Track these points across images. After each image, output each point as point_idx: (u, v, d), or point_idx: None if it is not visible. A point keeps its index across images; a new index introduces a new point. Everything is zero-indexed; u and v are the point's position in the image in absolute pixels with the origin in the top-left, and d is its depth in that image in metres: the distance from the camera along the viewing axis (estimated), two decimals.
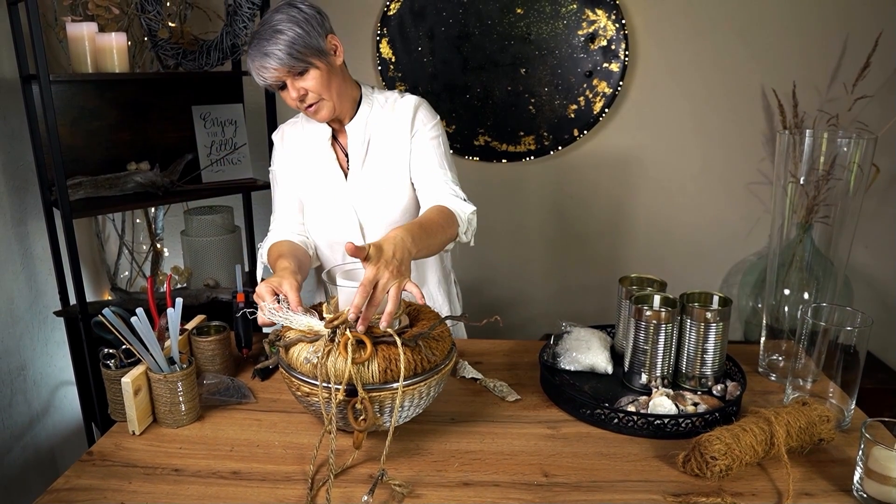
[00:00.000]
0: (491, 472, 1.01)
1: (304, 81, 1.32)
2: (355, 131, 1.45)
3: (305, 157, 1.50)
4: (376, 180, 1.46)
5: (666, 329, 1.19)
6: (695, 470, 0.99)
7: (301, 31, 1.29)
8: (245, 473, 1.01)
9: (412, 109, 1.45)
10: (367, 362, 1.00)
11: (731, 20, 2.27)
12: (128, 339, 1.09)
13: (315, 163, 1.49)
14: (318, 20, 1.34)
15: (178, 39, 2.01)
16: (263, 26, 1.30)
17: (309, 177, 1.50)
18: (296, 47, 1.28)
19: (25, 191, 1.98)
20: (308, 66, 1.30)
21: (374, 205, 1.46)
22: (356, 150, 1.45)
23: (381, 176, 1.45)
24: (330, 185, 1.48)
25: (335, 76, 1.37)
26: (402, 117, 1.45)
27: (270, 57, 1.28)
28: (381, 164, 1.45)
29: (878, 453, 0.91)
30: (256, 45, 1.30)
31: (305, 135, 1.51)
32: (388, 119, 1.46)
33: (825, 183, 1.54)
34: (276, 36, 1.27)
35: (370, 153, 1.46)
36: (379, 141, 1.46)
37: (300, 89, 1.33)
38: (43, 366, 2.07)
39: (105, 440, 1.11)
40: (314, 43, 1.31)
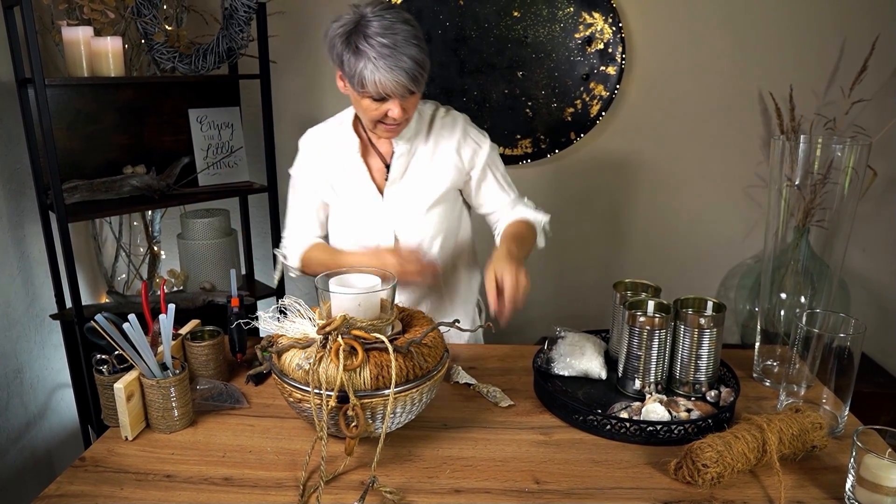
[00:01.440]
0: (482, 478, 1.01)
1: (408, 103, 1.28)
2: (402, 145, 1.40)
3: (335, 166, 1.46)
4: (415, 194, 1.43)
5: (660, 335, 1.19)
6: (686, 477, 0.98)
7: (426, 54, 1.24)
8: (237, 480, 1.01)
9: (461, 132, 1.43)
10: (359, 369, 1.00)
11: (728, 24, 2.27)
12: (120, 345, 1.09)
13: (346, 174, 1.45)
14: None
15: (175, 43, 2.02)
16: (389, 32, 1.19)
17: (340, 188, 1.46)
18: (425, 71, 1.24)
19: (22, 194, 1.98)
20: (417, 91, 1.26)
21: (408, 220, 1.43)
22: (399, 163, 1.41)
23: (420, 190, 1.43)
24: (363, 198, 1.44)
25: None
26: (448, 138, 1.42)
27: (408, 74, 1.20)
28: (420, 178, 1.43)
29: (869, 461, 0.91)
30: (384, 51, 1.19)
31: (335, 144, 1.46)
32: (434, 134, 1.42)
33: (821, 187, 1.54)
34: (411, 52, 1.20)
35: (411, 167, 1.43)
36: (423, 156, 1.43)
37: (404, 110, 1.28)
38: (39, 369, 2.07)
39: (98, 446, 1.11)
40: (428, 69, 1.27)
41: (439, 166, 1.43)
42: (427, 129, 1.44)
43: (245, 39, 2.01)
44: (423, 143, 1.44)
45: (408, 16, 1.25)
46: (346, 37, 1.22)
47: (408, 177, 1.43)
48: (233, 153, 2.20)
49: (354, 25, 1.21)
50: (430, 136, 1.43)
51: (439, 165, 1.43)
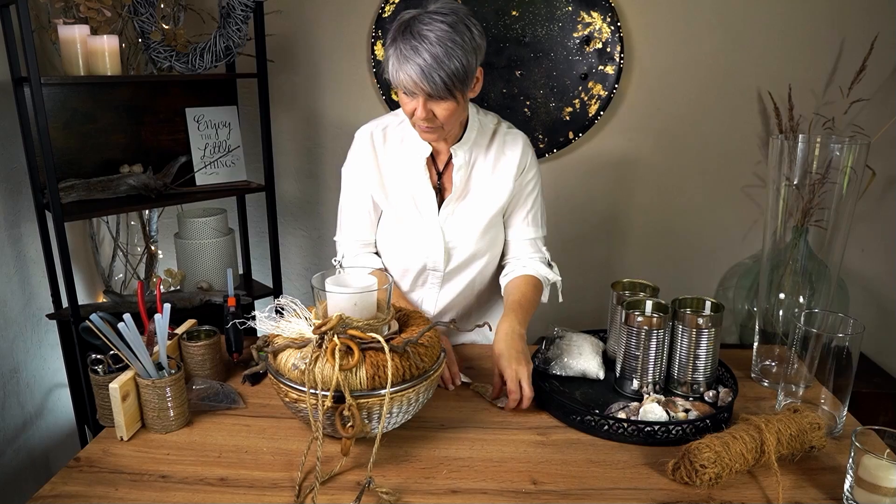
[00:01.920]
0: (479, 479, 1.01)
1: (437, 106, 1.22)
2: (462, 157, 1.35)
3: (396, 170, 1.39)
4: (471, 214, 1.38)
5: (657, 335, 1.19)
6: (684, 478, 0.98)
7: (464, 61, 1.17)
8: (232, 480, 1.01)
9: (521, 151, 1.38)
10: (355, 368, 0.99)
11: (726, 23, 2.26)
12: (115, 345, 1.08)
13: (407, 180, 1.38)
14: (482, 51, 1.23)
15: (172, 42, 2.01)
16: (425, 27, 1.15)
17: (397, 194, 1.39)
18: (453, 78, 1.17)
19: (18, 193, 1.97)
20: (450, 96, 1.20)
21: (462, 239, 1.39)
22: (459, 177, 1.36)
23: (476, 210, 1.38)
24: (422, 208, 1.38)
25: (464, 107, 1.29)
26: (511, 156, 1.38)
27: (422, 70, 1.15)
28: (478, 198, 1.38)
29: (868, 462, 0.90)
30: (409, 45, 1.16)
31: (402, 147, 1.39)
32: (494, 152, 1.38)
33: (820, 187, 1.53)
34: (436, 51, 1.14)
35: (472, 180, 1.38)
36: (482, 174, 1.38)
37: (429, 111, 1.22)
38: (36, 368, 2.06)
39: (93, 446, 1.10)
40: (468, 78, 1.21)
41: (499, 183, 1.38)
42: (488, 143, 1.38)
43: (242, 38, 2.01)
44: (483, 157, 1.38)
45: (463, 20, 1.18)
46: (395, 29, 1.20)
47: (467, 192, 1.38)
48: (230, 152, 2.19)
49: (409, 19, 1.19)
50: (491, 151, 1.38)
51: (499, 182, 1.38)
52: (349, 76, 2.40)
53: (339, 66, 2.39)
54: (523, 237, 1.46)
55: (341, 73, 2.40)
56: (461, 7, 1.21)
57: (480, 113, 1.40)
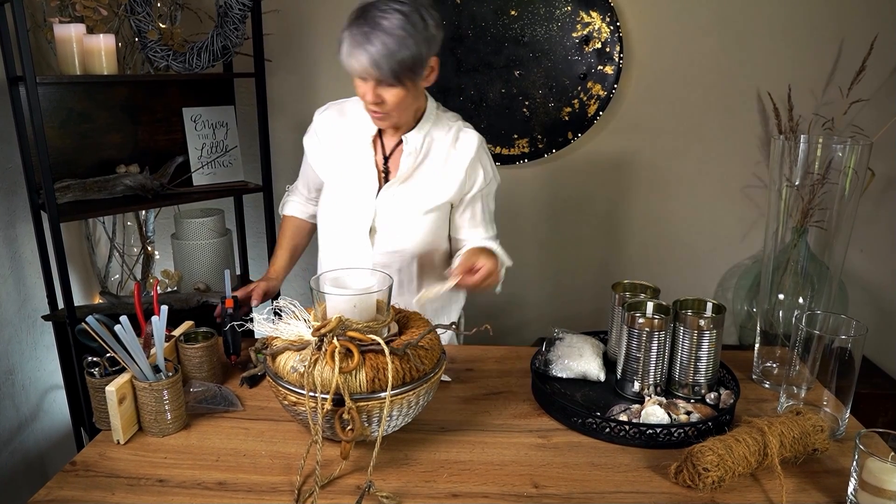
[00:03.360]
0: (480, 482, 1.00)
1: (385, 92, 1.26)
2: (412, 145, 1.38)
3: (342, 144, 1.45)
4: (411, 199, 1.41)
5: (659, 337, 1.18)
6: (687, 481, 0.97)
7: (414, 50, 1.20)
8: (231, 484, 1.00)
9: (475, 150, 1.41)
10: (355, 371, 0.98)
11: (726, 23, 2.26)
12: (111, 347, 1.07)
13: (350, 154, 1.43)
14: (436, 42, 1.26)
15: (169, 41, 1.99)
16: (380, 14, 1.18)
17: (340, 165, 1.45)
18: (400, 64, 1.20)
19: (14, 193, 1.95)
20: (398, 83, 1.24)
21: (397, 221, 1.41)
22: (407, 162, 1.39)
23: (418, 197, 1.41)
24: (361, 183, 1.42)
25: (415, 95, 1.31)
26: (462, 154, 1.41)
27: (371, 57, 1.19)
28: (423, 185, 1.41)
29: (872, 465, 0.89)
30: (362, 31, 1.19)
31: (348, 123, 1.45)
32: (448, 148, 1.41)
33: (820, 187, 1.53)
34: (386, 39, 1.18)
35: (418, 171, 1.40)
36: (432, 164, 1.41)
37: (379, 96, 1.26)
38: (31, 370, 2.05)
39: (89, 449, 1.09)
40: (419, 67, 1.24)
41: (446, 177, 1.41)
42: (443, 136, 1.41)
43: (240, 37, 1.99)
44: (436, 150, 1.41)
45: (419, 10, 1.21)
46: (353, 12, 1.24)
47: (412, 179, 1.41)
48: (227, 152, 2.18)
49: (366, 5, 1.22)
50: (444, 145, 1.41)
51: (446, 176, 1.41)
52: (346, 76, 2.37)
53: (336, 66, 2.34)
54: (476, 235, 1.50)
55: (339, 72, 2.36)
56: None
57: (441, 109, 1.45)
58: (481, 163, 1.44)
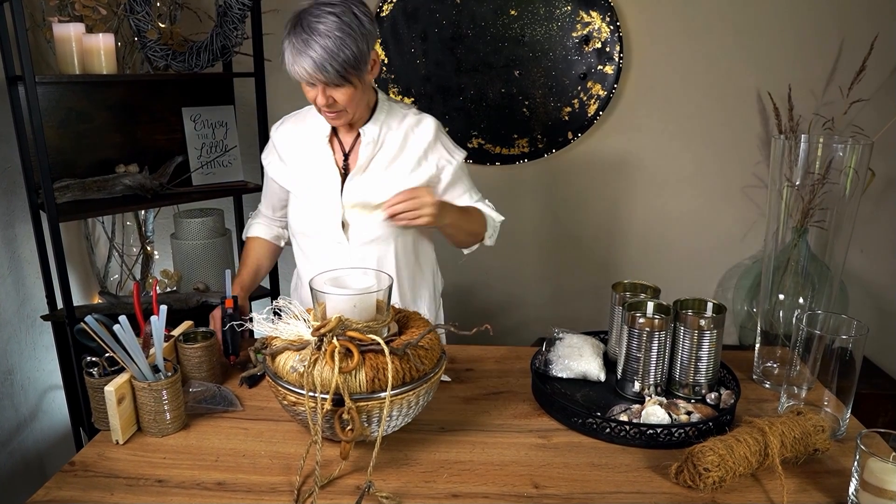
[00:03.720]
0: (480, 483, 0.99)
1: (335, 92, 1.30)
2: (369, 136, 1.42)
3: (300, 152, 1.48)
4: (374, 187, 1.44)
5: (659, 337, 1.18)
6: (688, 481, 0.97)
7: (354, 48, 1.24)
8: (230, 484, 0.99)
9: (433, 137, 1.45)
10: (355, 371, 0.98)
11: (726, 23, 2.25)
12: (111, 347, 1.06)
13: (310, 158, 1.46)
14: (373, 36, 1.30)
15: (168, 40, 1.99)
16: (315, 20, 1.22)
17: (301, 171, 1.48)
18: (344, 64, 1.24)
19: (13, 193, 1.95)
20: (346, 82, 1.28)
21: (363, 211, 1.44)
22: (364, 153, 1.43)
23: (380, 184, 1.43)
24: (322, 180, 1.45)
25: (364, 90, 1.35)
26: (419, 141, 1.44)
27: (314, 62, 1.23)
28: (383, 173, 1.44)
29: (873, 465, 0.89)
30: (301, 38, 1.23)
31: (304, 129, 1.48)
32: (404, 135, 1.44)
33: (820, 187, 1.53)
34: (326, 42, 1.22)
35: (376, 160, 1.44)
36: (389, 151, 1.44)
37: (330, 97, 1.30)
38: (30, 370, 2.04)
39: (88, 450, 1.09)
40: (362, 63, 1.28)
41: (405, 162, 1.44)
42: (398, 124, 1.45)
43: (239, 37, 1.99)
44: (392, 137, 1.45)
45: (351, 9, 1.25)
46: (288, 23, 1.28)
47: (372, 167, 1.44)
48: (227, 152, 2.18)
49: (300, 12, 1.26)
50: (400, 131, 1.45)
51: (406, 161, 1.44)
52: None
53: None
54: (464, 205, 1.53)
55: None
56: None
57: (391, 99, 1.48)
58: (441, 143, 1.47)
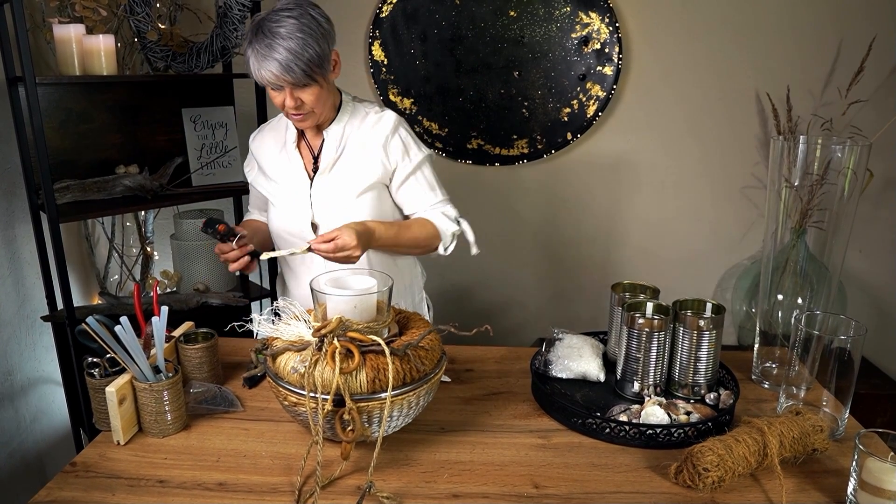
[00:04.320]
0: (480, 483, 1.00)
1: (302, 93, 1.32)
2: (332, 137, 1.45)
3: (273, 157, 1.52)
4: (339, 186, 1.46)
5: (658, 337, 1.18)
6: (687, 481, 0.97)
7: (317, 48, 1.28)
8: (231, 485, 1.00)
9: (391, 131, 1.45)
10: (355, 372, 0.98)
11: (725, 24, 2.26)
12: (112, 348, 1.07)
13: (282, 164, 1.50)
14: (332, 36, 1.33)
15: (168, 41, 1.99)
16: (275, 25, 1.26)
17: (275, 176, 1.51)
18: (309, 63, 1.27)
19: (13, 194, 1.95)
20: (312, 82, 1.30)
21: (333, 210, 1.45)
22: (328, 155, 1.45)
23: (345, 183, 1.45)
24: (293, 184, 1.48)
25: (329, 89, 1.38)
26: (378, 137, 1.45)
27: (280, 64, 1.26)
28: (347, 172, 1.46)
29: (872, 465, 0.90)
30: (264, 43, 1.26)
31: (277, 136, 1.52)
32: (365, 132, 1.46)
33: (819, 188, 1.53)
34: (289, 44, 1.25)
35: (341, 160, 1.46)
36: (352, 150, 1.46)
37: (297, 99, 1.33)
38: (30, 371, 2.04)
39: (89, 450, 1.09)
40: (325, 62, 1.31)
41: (367, 159, 1.45)
42: (360, 124, 1.47)
43: (239, 38, 1.99)
44: (354, 135, 1.46)
45: (307, 11, 1.28)
46: (249, 31, 1.31)
47: (337, 167, 1.46)
48: (227, 153, 2.18)
49: (259, 20, 1.29)
50: (363, 129, 1.46)
51: (367, 158, 1.45)
52: (346, 76, 2.38)
53: None
54: (424, 204, 1.51)
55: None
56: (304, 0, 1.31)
57: (357, 99, 1.50)
58: (400, 137, 1.46)
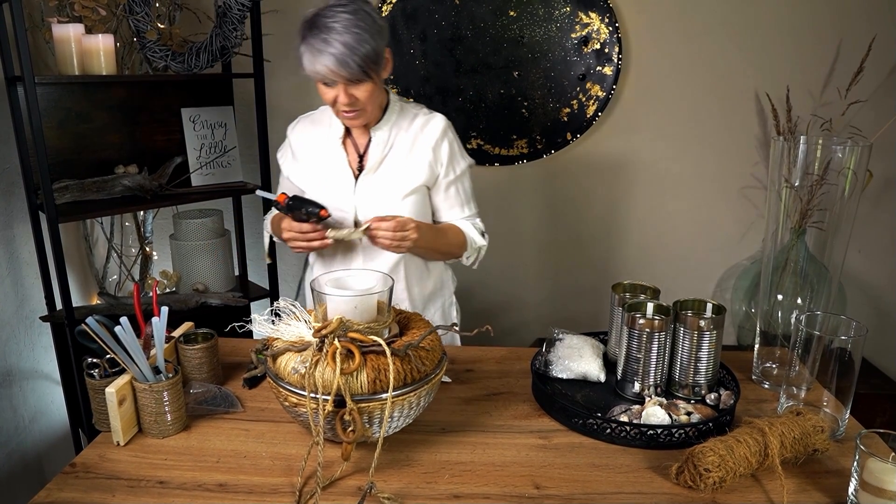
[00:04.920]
0: (481, 483, 1.00)
1: (356, 90, 1.32)
2: (380, 137, 1.45)
3: (314, 152, 1.51)
4: (385, 187, 1.45)
5: (659, 337, 1.18)
6: (688, 482, 0.97)
7: (372, 43, 1.28)
8: (231, 486, 1.00)
9: (440, 134, 1.46)
10: (356, 372, 0.98)
11: (725, 24, 2.26)
12: (112, 349, 1.06)
13: (324, 159, 1.49)
14: (385, 33, 1.33)
15: (167, 41, 1.99)
16: (330, 20, 1.26)
17: (315, 171, 1.50)
18: (367, 60, 1.28)
19: (11, 194, 1.95)
20: (366, 77, 1.31)
21: (377, 210, 1.44)
22: (375, 154, 1.45)
23: (391, 184, 1.45)
24: (337, 182, 1.47)
25: (380, 88, 1.39)
26: (428, 139, 1.46)
27: (336, 59, 1.26)
28: (394, 173, 1.45)
29: (873, 465, 0.90)
30: (319, 38, 1.26)
31: (319, 130, 1.51)
32: (414, 134, 1.46)
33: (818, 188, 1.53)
34: (345, 39, 1.25)
35: (387, 160, 1.46)
36: (399, 151, 1.46)
37: (351, 95, 1.33)
38: (29, 371, 2.04)
39: (89, 451, 1.09)
40: (379, 58, 1.32)
41: (415, 161, 1.46)
42: (409, 125, 1.47)
43: (239, 38, 1.99)
44: (402, 137, 1.47)
45: (362, 7, 1.29)
46: (301, 27, 1.31)
47: (384, 167, 1.46)
48: (226, 153, 2.18)
49: (312, 16, 1.30)
50: (410, 132, 1.47)
51: (415, 160, 1.46)
52: None
53: None
54: (454, 217, 1.54)
55: None
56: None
57: (402, 100, 1.51)
58: (447, 142, 1.48)
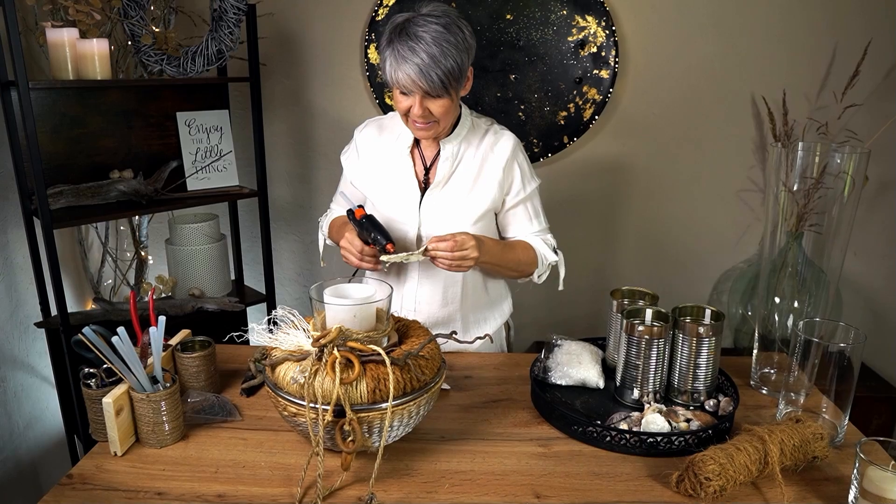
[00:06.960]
0: (482, 493, 0.99)
1: (432, 104, 1.30)
2: (448, 151, 1.41)
3: (380, 158, 1.47)
4: (452, 203, 1.42)
5: (658, 344, 1.18)
6: (689, 490, 0.97)
7: (460, 61, 1.26)
8: (230, 496, 0.99)
9: (511, 154, 1.43)
10: (356, 382, 0.97)
11: (721, 28, 2.26)
12: (109, 359, 1.06)
13: (390, 166, 1.46)
14: (473, 52, 1.31)
15: (162, 45, 1.98)
16: (420, 29, 1.23)
17: (380, 178, 1.47)
18: (449, 76, 1.25)
19: (6, 199, 1.93)
20: (445, 93, 1.28)
21: (442, 226, 1.41)
22: (443, 169, 1.42)
23: (459, 205, 1.42)
24: (403, 194, 1.44)
25: (456, 104, 1.36)
26: (499, 156, 1.43)
27: (420, 69, 1.23)
28: (462, 192, 1.43)
29: (873, 473, 0.90)
30: (406, 45, 1.23)
31: (387, 137, 1.48)
32: (484, 151, 1.43)
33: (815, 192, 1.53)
34: (432, 50, 1.22)
35: (455, 175, 1.43)
36: (467, 167, 1.43)
37: (426, 108, 1.30)
38: (24, 378, 2.02)
39: (86, 461, 1.08)
40: (462, 76, 1.29)
41: (484, 181, 1.43)
42: (479, 141, 1.44)
43: (234, 41, 1.98)
44: (472, 154, 1.43)
45: (455, 21, 1.26)
46: (389, 31, 1.27)
47: (452, 181, 1.43)
48: (222, 157, 2.17)
49: (403, 21, 1.26)
50: (481, 148, 1.43)
51: (485, 180, 1.43)
52: (342, 80, 2.38)
53: (332, 70, 2.37)
54: (528, 231, 1.52)
55: (334, 76, 2.38)
56: (452, 10, 1.29)
57: (474, 114, 1.47)
58: (517, 162, 1.46)
